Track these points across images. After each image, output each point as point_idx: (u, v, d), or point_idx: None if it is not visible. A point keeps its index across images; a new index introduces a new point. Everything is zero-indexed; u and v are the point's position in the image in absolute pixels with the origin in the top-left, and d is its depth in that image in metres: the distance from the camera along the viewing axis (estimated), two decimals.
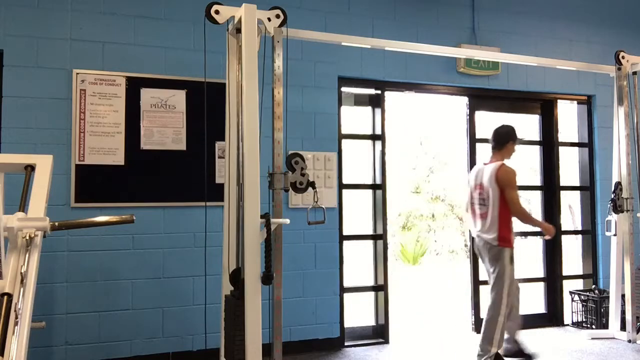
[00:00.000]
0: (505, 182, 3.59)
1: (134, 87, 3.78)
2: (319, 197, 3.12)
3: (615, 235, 4.39)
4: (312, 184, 3.02)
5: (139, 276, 3.72)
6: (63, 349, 3.52)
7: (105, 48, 3.74)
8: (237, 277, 2.78)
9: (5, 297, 1.73)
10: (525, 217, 3.68)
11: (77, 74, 3.66)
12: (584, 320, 4.84)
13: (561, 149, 5.16)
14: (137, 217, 2.27)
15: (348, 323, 4.36)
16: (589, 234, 5.23)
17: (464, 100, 4.91)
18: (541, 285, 5.16)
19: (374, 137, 4.57)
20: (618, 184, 4.30)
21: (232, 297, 2.78)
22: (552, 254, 5.11)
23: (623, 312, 4.33)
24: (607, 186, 4.70)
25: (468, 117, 4.90)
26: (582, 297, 4.86)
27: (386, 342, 4.35)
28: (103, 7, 3.76)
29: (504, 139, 3.76)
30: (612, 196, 4.28)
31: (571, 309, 4.93)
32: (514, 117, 5.34)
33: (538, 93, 5.08)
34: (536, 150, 5.27)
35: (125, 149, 3.73)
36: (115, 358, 3.63)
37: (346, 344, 4.25)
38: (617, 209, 4.27)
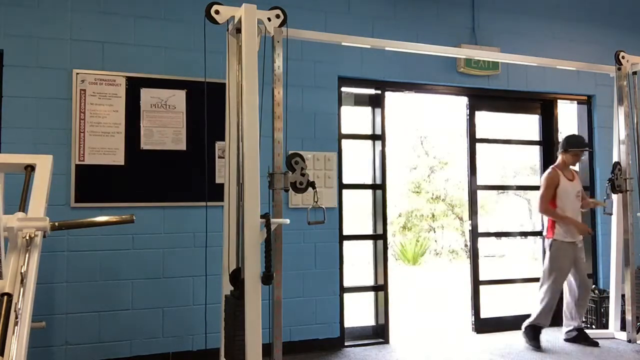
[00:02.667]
0: (542, 183, 4.33)
1: (134, 87, 3.78)
2: (319, 197, 3.12)
3: (611, 215, 4.42)
4: (312, 184, 3.02)
5: (139, 276, 3.72)
6: (63, 349, 3.52)
7: (105, 48, 3.74)
8: (237, 277, 2.78)
9: (5, 297, 1.73)
10: (548, 214, 4.28)
11: (77, 74, 3.66)
12: (584, 320, 4.83)
13: None
14: (137, 217, 2.27)
15: (348, 323, 4.36)
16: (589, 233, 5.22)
17: (464, 100, 4.92)
18: None
19: (374, 137, 4.57)
20: (616, 164, 4.29)
21: (232, 297, 2.78)
22: None
23: (623, 312, 4.33)
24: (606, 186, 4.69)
25: (468, 117, 4.90)
26: None
27: (386, 342, 4.35)
28: (103, 7, 3.76)
29: (559, 148, 4.41)
30: (611, 176, 4.28)
31: None
32: (514, 117, 5.35)
33: (538, 93, 5.08)
34: (536, 150, 5.27)
35: (125, 149, 3.73)
36: (115, 358, 3.63)
37: (346, 344, 4.24)
38: (615, 188, 4.27)
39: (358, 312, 4.80)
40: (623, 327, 4.31)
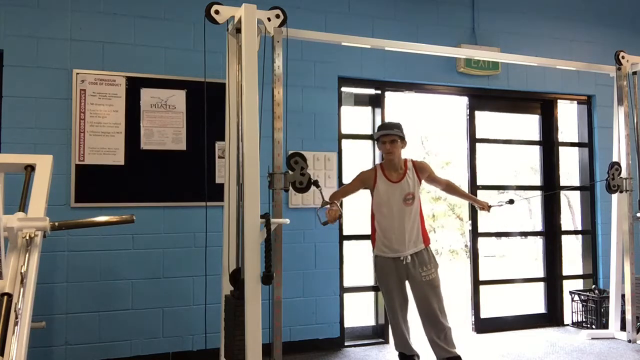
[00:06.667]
0: None
1: (134, 87, 3.78)
2: (319, 196, 3.10)
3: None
4: (315, 183, 3.01)
5: (139, 276, 3.72)
6: (63, 349, 3.52)
7: (105, 48, 3.74)
8: (237, 277, 2.78)
9: (5, 297, 1.73)
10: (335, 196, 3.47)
11: (77, 74, 3.66)
12: (584, 320, 4.84)
13: (561, 149, 5.16)
14: (137, 217, 2.27)
15: (348, 323, 4.36)
16: (589, 234, 5.23)
17: (464, 100, 4.92)
18: (541, 285, 5.16)
19: (374, 137, 4.57)
20: (614, 164, 4.28)
21: (232, 297, 2.78)
22: (552, 254, 5.11)
23: (623, 312, 4.33)
24: (604, 187, 4.69)
25: (468, 117, 4.90)
26: (582, 297, 4.86)
27: (386, 342, 4.35)
28: (103, 7, 3.76)
29: None
30: (607, 176, 4.26)
31: (571, 309, 4.93)
32: (514, 117, 5.36)
33: (538, 93, 5.08)
34: (536, 150, 5.27)
35: (125, 149, 3.73)
36: (115, 358, 3.63)
37: (346, 344, 4.25)
38: (611, 189, 4.26)
39: (358, 312, 4.80)
40: (623, 327, 4.31)
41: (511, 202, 4.00)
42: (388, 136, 3.38)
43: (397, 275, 3.39)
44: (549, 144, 5.16)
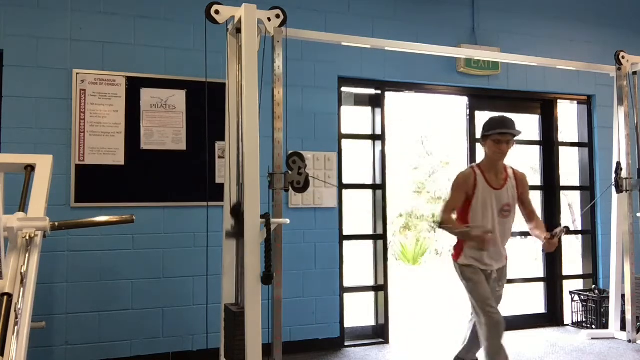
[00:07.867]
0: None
1: (134, 87, 3.78)
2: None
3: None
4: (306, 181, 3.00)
5: (139, 276, 3.72)
6: (63, 349, 3.52)
7: (105, 48, 3.74)
8: (237, 211, 2.77)
9: (5, 297, 1.73)
10: (444, 225, 3.08)
11: (77, 74, 3.66)
12: (584, 320, 4.84)
13: (561, 149, 5.15)
14: (137, 217, 2.27)
15: (348, 323, 4.36)
16: (589, 234, 5.23)
17: (464, 100, 4.92)
18: (541, 285, 5.16)
19: (374, 137, 4.57)
20: (619, 164, 4.29)
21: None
22: (552, 254, 5.10)
23: (623, 312, 4.33)
24: (607, 186, 4.69)
25: (468, 117, 4.89)
26: (582, 297, 4.86)
27: (386, 342, 4.35)
28: (103, 7, 3.76)
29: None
30: (614, 176, 4.27)
31: (571, 309, 4.93)
32: (514, 117, 5.33)
33: (538, 93, 5.08)
34: (536, 150, 5.27)
35: (125, 149, 3.73)
36: (115, 358, 3.63)
37: (346, 344, 4.24)
38: (619, 189, 4.26)
39: (358, 312, 4.80)
40: (623, 327, 4.31)
41: (567, 228, 3.46)
42: (505, 135, 2.99)
43: (484, 282, 3.13)
44: (549, 144, 5.16)
